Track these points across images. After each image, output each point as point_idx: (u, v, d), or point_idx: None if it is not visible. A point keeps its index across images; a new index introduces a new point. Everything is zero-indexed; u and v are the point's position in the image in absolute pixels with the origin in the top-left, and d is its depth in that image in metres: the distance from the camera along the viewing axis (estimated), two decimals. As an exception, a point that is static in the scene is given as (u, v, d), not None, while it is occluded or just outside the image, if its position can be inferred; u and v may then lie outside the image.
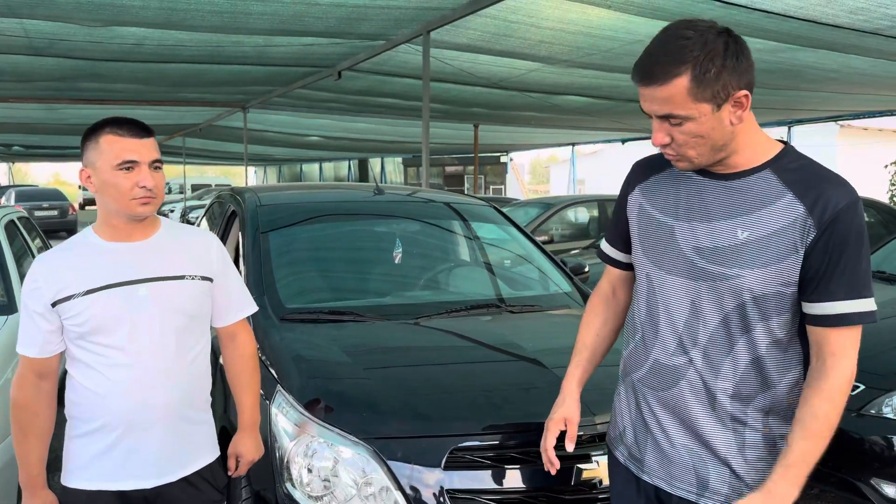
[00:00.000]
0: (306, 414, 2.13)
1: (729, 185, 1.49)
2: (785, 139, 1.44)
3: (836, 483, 3.16)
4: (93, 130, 1.80)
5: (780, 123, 14.21)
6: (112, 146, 1.77)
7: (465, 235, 3.63)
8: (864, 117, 13.49)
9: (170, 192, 30.15)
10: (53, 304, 1.79)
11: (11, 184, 34.63)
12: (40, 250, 4.90)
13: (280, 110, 12.84)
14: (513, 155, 26.90)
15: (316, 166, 32.76)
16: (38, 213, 19.10)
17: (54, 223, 19.71)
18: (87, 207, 36.19)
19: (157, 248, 1.88)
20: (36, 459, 1.86)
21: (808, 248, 1.40)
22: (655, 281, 1.58)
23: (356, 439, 2.03)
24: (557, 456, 1.75)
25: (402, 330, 2.67)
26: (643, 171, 1.68)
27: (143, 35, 6.66)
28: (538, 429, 2.05)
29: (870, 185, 15.07)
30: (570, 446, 1.74)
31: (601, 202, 8.73)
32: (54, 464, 1.93)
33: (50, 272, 1.81)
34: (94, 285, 1.79)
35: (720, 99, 1.37)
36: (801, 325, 1.50)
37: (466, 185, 25.51)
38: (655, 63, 1.39)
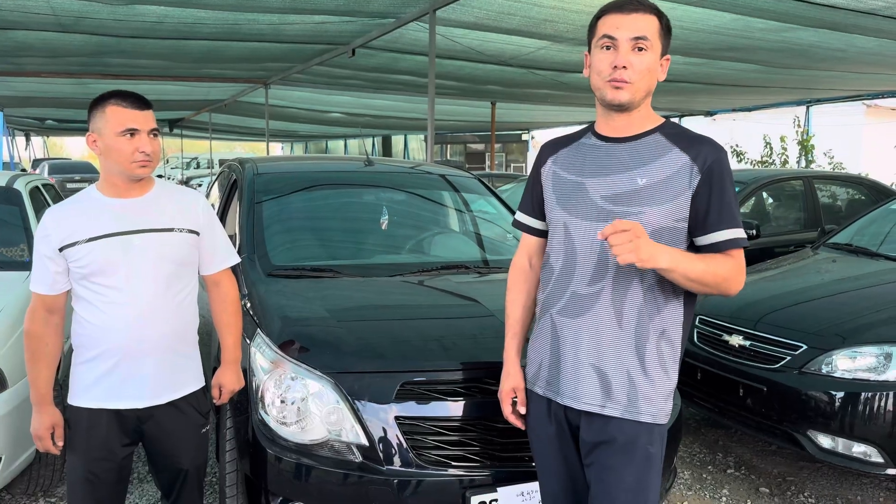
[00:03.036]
0: (280, 353, 2.43)
1: (627, 146, 1.85)
2: (803, 119, 1.78)
3: (779, 435, 3.40)
4: (99, 101, 2.11)
5: (798, 103, 14.12)
6: (117, 115, 2.06)
7: (447, 205, 3.91)
8: (885, 97, 13.36)
9: (198, 166, 30.74)
10: (60, 249, 2.12)
11: (46, 157, 35.56)
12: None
13: (301, 86, 13.14)
14: (535, 133, 26.95)
15: (341, 143, 33.11)
16: (69, 185, 19.73)
17: (85, 195, 20.28)
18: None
19: (150, 204, 2.20)
20: (44, 381, 2.19)
21: (695, 189, 1.76)
22: (571, 227, 1.89)
23: (321, 374, 2.34)
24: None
25: (373, 285, 2.97)
26: (553, 147, 2.02)
27: (163, 13, 6.98)
28: (479, 368, 2.35)
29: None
30: (522, 410, 2.05)
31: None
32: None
33: (58, 222, 2.14)
34: (96, 234, 2.11)
35: (664, 51, 1.81)
36: None
37: (488, 162, 25.65)
38: (638, 2, 1.77)
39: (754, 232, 4.92)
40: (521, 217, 2.10)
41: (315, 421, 2.32)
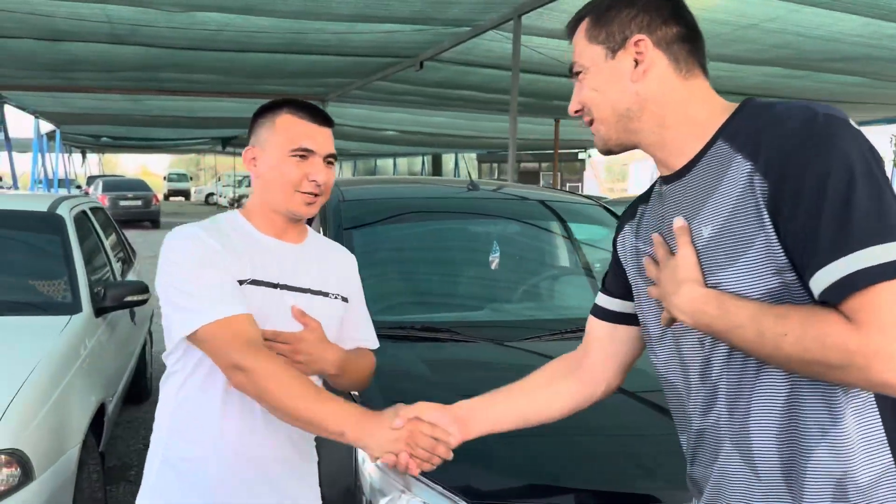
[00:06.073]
0: (401, 462, 1.71)
1: (684, 181, 1.14)
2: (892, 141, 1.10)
3: None
4: (269, 108, 1.58)
5: (888, 121, 13.09)
6: (290, 129, 1.54)
7: (570, 240, 3.17)
8: None
9: (249, 184, 30.70)
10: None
11: (101, 174, 36.11)
12: (114, 246, 4.69)
13: (358, 104, 12.64)
14: (591, 152, 26.13)
15: (390, 161, 32.73)
16: (122, 203, 19.70)
17: (138, 213, 20.29)
18: (170, 198, 37.38)
19: (308, 256, 1.61)
20: (334, 409, 1.40)
21: (770, 211, 0.99)
22: (651, 327, 1.27)
23: (466, 502, 1.61)
24: None
25: (516, 357, 2.23)
26: (632, 208, 1.34)
27: (224, 21, 6.48)
28: None
29: None
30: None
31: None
32: (119, 472, 1.58)
33: (219, 242, 1.48)
34: (260, 277, 1.51)
35: (614, 42, 1.14)
36: None
37: (542, 182, 24.91)
38: (570, 25, 1.23)
39: None
40: (598, 297, 1.49)
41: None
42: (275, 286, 1.52)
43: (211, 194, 36.17)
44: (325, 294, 1.61)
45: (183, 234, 1.51)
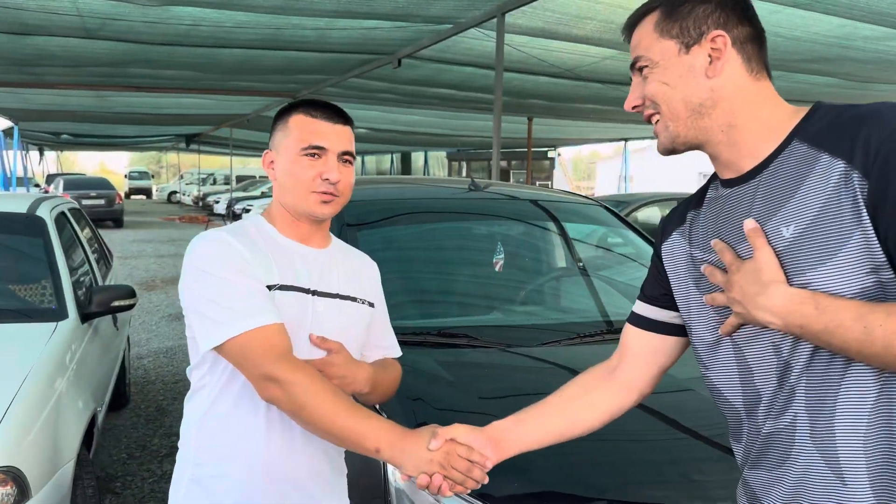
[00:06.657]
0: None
1: (755, 183, 1.13)
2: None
3: None
4: (285, 110, 1.58)
5: None
6: (300, 128, 1.52)
7: (574, 240, 3.13)
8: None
9: (214, 182, 30.19)
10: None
11: (60, 172, 35.18)
12: (90, 241, 4.53)
13: (331, 101, 12.45)
14: (561, 150, 26.29)
15: (358, 159, 32.52)
16: (85, 202, 19.13)
17: (101, 212, 19.77)
18: (131, 197, 36.60)
19: (334, 261, 1.58)
20: (373, 425, 1.35)
21: (870, 207, 0.99)
22: (706, 334, 1.24)
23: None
24: None
25: (540, 363, 2.17)
26: (679, 213, 1.33)
27: (200, 16, 6.30)
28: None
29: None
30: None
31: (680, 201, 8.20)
32: (104, 483, 1.49)
33: (248, 248, 1.43)
34: (289, 282, 1.46)
35: (689, 37, 1.14)
36: None
37: (512, 180, 24.98)
38: (631, 17, 1.23)
39: None
40: (639, 307, 1.47)
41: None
42: (307, 291, 1.47)
43: (174, 192, 35.52)
44: (354, 299, 1.57)
45: (210, 239, 1.45)
